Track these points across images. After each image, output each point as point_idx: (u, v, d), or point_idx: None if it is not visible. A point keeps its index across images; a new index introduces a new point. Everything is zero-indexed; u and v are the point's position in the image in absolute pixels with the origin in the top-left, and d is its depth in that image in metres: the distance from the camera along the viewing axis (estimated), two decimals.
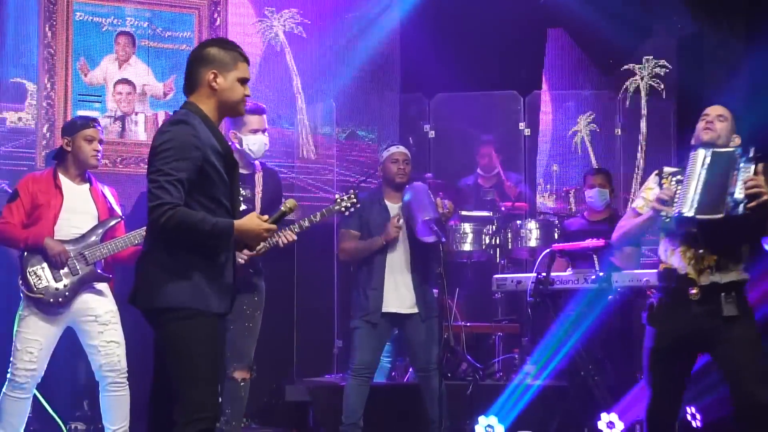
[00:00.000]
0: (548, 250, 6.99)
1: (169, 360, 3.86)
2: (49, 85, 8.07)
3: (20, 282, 5.53)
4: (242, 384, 5.96)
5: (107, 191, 5.81)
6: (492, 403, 6.63)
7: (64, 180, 5.64)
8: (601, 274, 6.71)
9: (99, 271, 5.59)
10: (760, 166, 4.49)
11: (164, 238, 3.82)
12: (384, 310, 6.25)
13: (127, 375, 5.61)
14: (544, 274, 6.81)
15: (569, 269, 6.98)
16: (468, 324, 7.70)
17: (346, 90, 8.72)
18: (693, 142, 4.75)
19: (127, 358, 5.64)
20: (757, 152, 4.51)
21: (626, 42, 8.90)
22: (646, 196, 4.77)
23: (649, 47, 9.00)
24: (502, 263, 7.99)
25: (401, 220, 6.22)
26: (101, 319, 5.57)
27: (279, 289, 7.61)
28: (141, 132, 8.32)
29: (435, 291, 6.45)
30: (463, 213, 8.12)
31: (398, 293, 6.27)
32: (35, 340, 5.48)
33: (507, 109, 9.07)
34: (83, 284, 5.55)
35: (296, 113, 8.68)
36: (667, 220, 4.59)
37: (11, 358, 5.51)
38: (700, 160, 4.55)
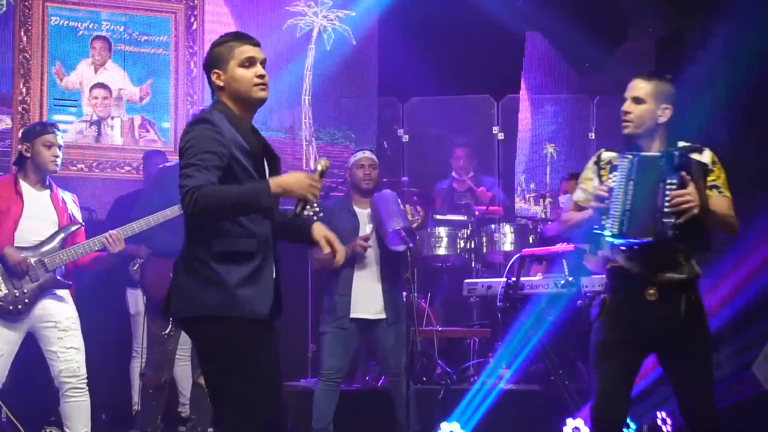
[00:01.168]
0: (518, 255, 6.99)
1: (205, 369, 3.82)
2: (24, 90, 8.08)
3: None
4: (207, 389, 5.99)
5: (68, 197, 5.81)
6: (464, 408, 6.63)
7: (24, 186, 5.63)
8: (570, 279, 6.70)
9: (59, 277, 5.59)
10: (684, 174, 4.14)
11: (201, 237, 3.73)
12: (352, 315, 6.24)
13: (86, 381, 5.60)
14: (513, 278, 6.81)
15: (539, 274, 6.98)
16: (440, 329, 7.69)
17: (322, 92, 8.74)
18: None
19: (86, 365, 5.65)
20: (682, 156, 4.18)
21: (603, 45, 8.89)
22: (586, 187, 4.45)
23: (627, 50, 8.99)
24: (477, 267, 7.99)
25: (370, 240, 6.20)
26: (61, 325, 5.57)
27: None
28: (117, 136, 8.33)
29: (405, 295, 6.45)
30: (438, 217, 8.13)
31: (366, 299, 6.27)
32: None
33: (481, 113, 9.07)
34: (43, 291, 5.55)
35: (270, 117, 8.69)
36: (600, 229, 4.28)
37: None
38: (627, 169, 4.22)
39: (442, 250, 7.89)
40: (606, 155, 4.41)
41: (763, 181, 7.56)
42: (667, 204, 4.11)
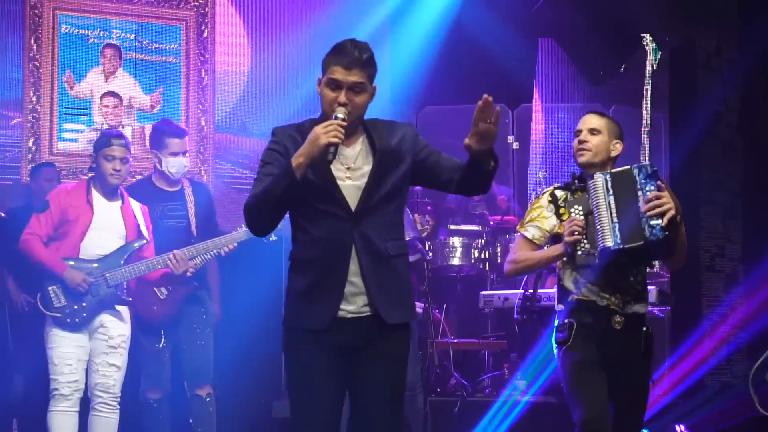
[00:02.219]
0: None
1: None
2: (34, 99, 8.01)
3: (38, 298, 5.50)
4: (208, 399, 6.00)
5: (138, 209, 5.70)
6: (479, 420, 6.57)
7: (96, 196, 5.55)
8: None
9: (120, 294, 5.54)
10: (660, 182, 4.31)
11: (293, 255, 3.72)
12: None
13: (119, 400, 5.56)
14: (531, 290, 6.74)
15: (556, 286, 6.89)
16: (456, 340, 7.63)
17: None
18: (577, 161, 4.54)
19: None
20: (653, 167, 4.35)
21: (616, 53, 8.83)
22: (541, 225, 4.49)
23: (639, 58, 8.92)
24: (492, 277, 7.93)
25: None
26: (112, 342, 5.54)
27: (265, 302, 7.56)
28: None
29: (420, 306, 6.38)
30: (452, 227, 8.06)
31: None
32: (70, 352, 5.46)
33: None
34: (102, 306, 5.52)
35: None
36: (585, 256, 4.35)
37: (51, 375, 5.49)
38: (602, 186, 4.33)
39: (456, 260, 7.84)
40: (560, 193, 4.50)
41: None
42: (648, 207, 4.24)
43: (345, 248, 3.65)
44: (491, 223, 8.10)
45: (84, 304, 5.47)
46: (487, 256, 7.89)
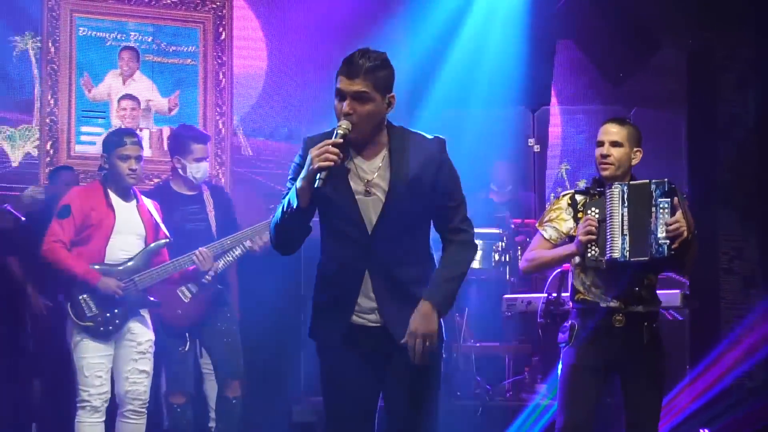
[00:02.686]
0: (558, 271, 6.87)
1: None
2: (52, 102, 7.98)
3: (69, 308, 5.38)
4: (234, 401, 5.98)
5: (151, 206, 5.62)
6: (502, 424, 6.55)
7: (113, 197, 5.45)
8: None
9: (149, 297, 5.49)
10: (677, 199, 4.45)
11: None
12: None
13: (147, 406, 5.51)
14: (554, 294, 6.71)
15: None
16: (478, 344, 7.59)
17: None
18: (600, 173, 4.67)
19: None
20: (670, 183, 4.49)
21: (636, 55, 8.80)
22: (558, 227, 4.66)
23: (658, 60, 8.90)
24: (512, 281, 7.89)
25: None
26: (140, 347, 5.47)
27: (286, 305, 7.54)
28: (146, 148, 8.17)
29: None
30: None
31: None
32: (100, 363, 5.37)
33: (516, 124, 8.97)
34: (132, 310, 5.44)
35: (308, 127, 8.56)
36: (594, 260, 4.52)
37: (80, 386, 5.39)
38: (618, 197, 4.49)
39: (476, 263, 7.77)
40: (580, 198, 4.64)
41: None
42: (662, 230, 4.40)
43: (358, 272, 3.65)
44: (512, 226, 8.06)
45: (116, 311, 5.38)
46: (507, 259, 7.84)
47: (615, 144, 4.59)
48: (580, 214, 4.60)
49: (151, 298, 5.52)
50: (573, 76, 9.12)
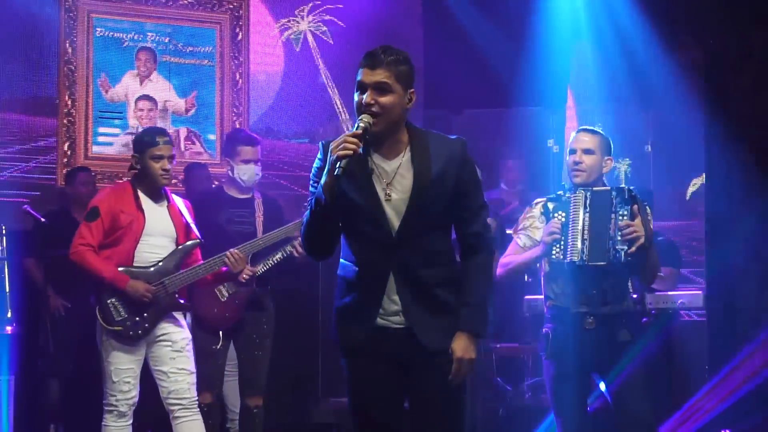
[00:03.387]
0: None
1: None
2: (69, 102, 7.98)
3: (98, 312, 5.27)
4: (255, 411, 5.96)
5: (183, 207, 5.49)
6: (524, 426, 6.55)
7: (144, 199, 5.33)
8: (634, 296, 6.56)
9: (180, 300, 5.37)
10: (636, 206, 4.63)
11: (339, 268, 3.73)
12: None
13: (197, 402, 5.38)
14: None
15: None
16: (498, 345, 7.57)
17: None
18: (571, 180, 4.83)
19: None
20: (631, 191, 4.67)
21: (654, 55, 8.77)
22: (532, 234, 4.83)
23: (677, 61, 8.87)
24: (529, 281, 7.86)
25: None
26: (176, 346, 5.33)
27: (303, 306, 7.54)
28: None
29: None
30: None
31: None
32: (129, 368, 5.26)
33: (535, 125, 8.95)
34: (163, 314, 5.32)
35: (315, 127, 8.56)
36: (557, 262, 4.70)
37: (107, 389, 5.28)
38: (581, 202, 4.68)
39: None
40: (551, 205, 4.79)
41: None
42: (619, 233, 4.60)
43: (383, 275, 3.61)
44: None
45: (145, 314, 5.26)
46: None
47: (587, 151, 4.74)
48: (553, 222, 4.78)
49: (181, 301, 5.40)
50: (588, 75, 9.09)
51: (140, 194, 5.33)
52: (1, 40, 7.83)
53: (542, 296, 6.63)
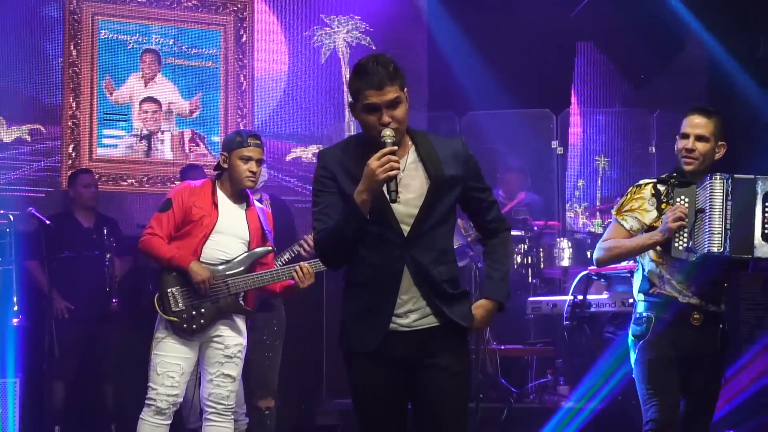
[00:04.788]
0: (584, 273, 6.85)
1: None
2: (74, 104, 8.00)
3: (156, 301, 5.16)
4: (267, 413, 5.97)
5: (263, 215, 5.39)
6: (528, 427, 6.54)
7: (221, 197, 5.24)
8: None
9: (241, 302, 5.23)
10: None
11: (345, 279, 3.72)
12: None
13: (233, 409, 5.28)
14: (580, 297, 6.69)
15: (605, 292, 6.83)
16: (502, 347, 7.57)
17: None
18: (682, 165, 4.49)
19: None
20: None
21: (657, 57, 8.77)
22: (641, 217, 4.47)
23: (681, 62, 8.87)
24: (535, 282, 7.87)
25: None
26: (228, 351, 5.21)
27: (307, 308, 7.52)
28: (167, 151, 8.24)
29: None
30: None
31: None
32: (176, 364, 5.14)
33: (539, 127, 8.95)
34: (221, 314, 5.20)
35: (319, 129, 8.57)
36: (682, 249, 4.34)
37: (150, 383, 5.16)
38: (721, 189, 4.29)
39: None
40: (662, 187, 4.46)
41: None
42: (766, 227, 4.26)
43: (396, 274, 3.62)
44: (534, 228, 8.04)
45: (203, 310, 5.14)
46: (529, 261, 7.83)
47: (700, 138, 4.42)
48: (663, 205, 4.43)
49: (243, 305, 5.25)
50: (593, 77, 9.09)
51: (219, 192, 5.25)
52: (5, 42, 7.86)
53: (570, 296, 6.70)
